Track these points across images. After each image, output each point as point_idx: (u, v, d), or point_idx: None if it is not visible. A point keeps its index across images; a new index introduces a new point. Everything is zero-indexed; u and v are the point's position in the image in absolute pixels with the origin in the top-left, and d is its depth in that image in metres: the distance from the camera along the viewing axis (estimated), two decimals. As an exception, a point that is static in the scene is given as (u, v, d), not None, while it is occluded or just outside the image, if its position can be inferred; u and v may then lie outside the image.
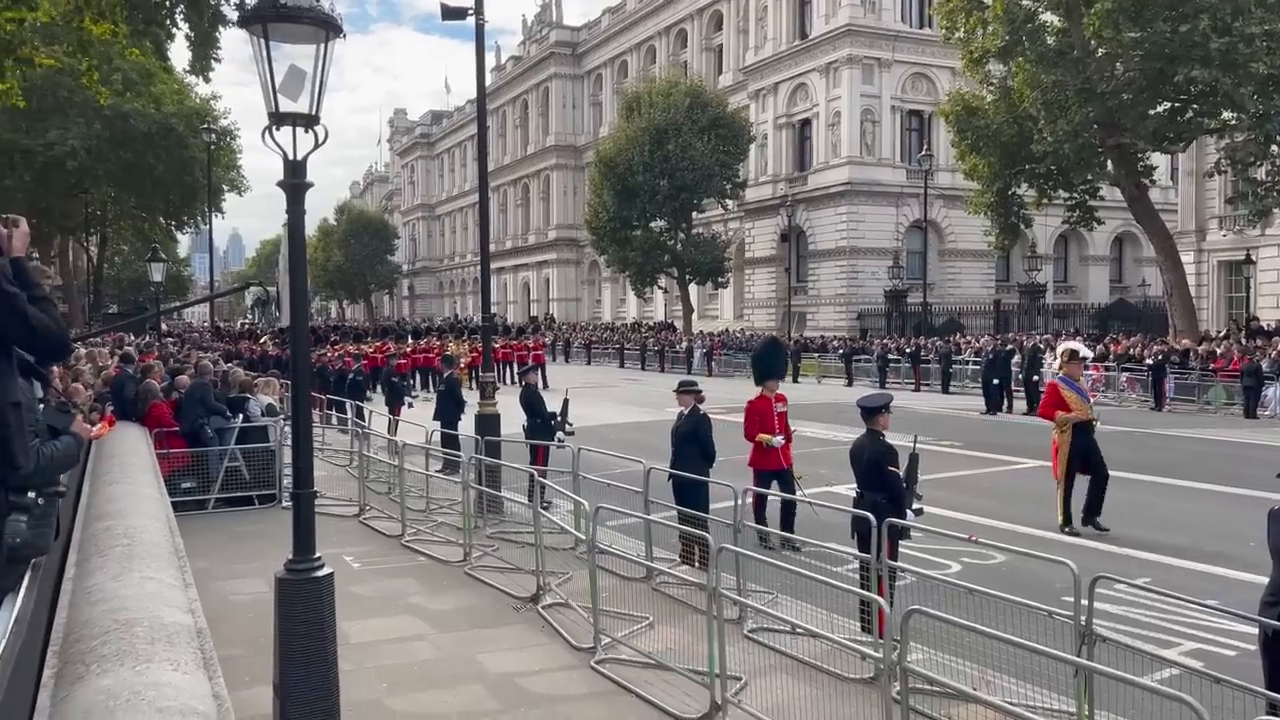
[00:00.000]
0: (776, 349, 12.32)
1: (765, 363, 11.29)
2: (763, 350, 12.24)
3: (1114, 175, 31.70)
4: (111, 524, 5.00)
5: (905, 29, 49.08)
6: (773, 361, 11.35)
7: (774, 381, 10.74)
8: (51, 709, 2.77)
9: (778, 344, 13.24)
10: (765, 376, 10.85)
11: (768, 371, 10.98)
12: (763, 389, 10.63)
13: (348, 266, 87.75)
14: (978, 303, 46.14)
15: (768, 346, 12.43)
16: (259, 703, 5.13)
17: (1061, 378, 11.53)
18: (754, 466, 10.36)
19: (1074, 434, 10.97)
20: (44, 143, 38.51)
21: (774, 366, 11.21)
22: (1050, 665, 4.88)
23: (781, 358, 12.33)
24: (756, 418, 10.41)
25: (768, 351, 11.86)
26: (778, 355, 11.97)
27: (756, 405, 10.52)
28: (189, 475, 11.99)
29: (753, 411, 10.50)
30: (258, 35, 4.32)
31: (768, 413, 10.38)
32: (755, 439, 10.30)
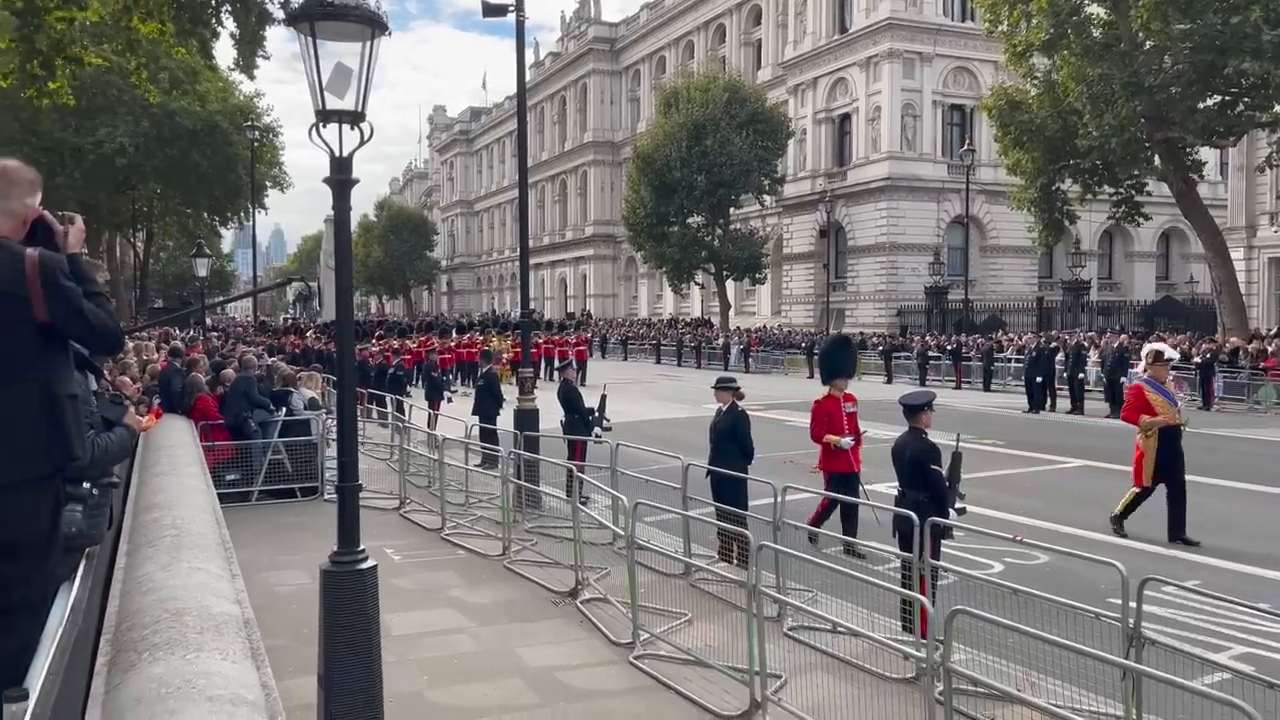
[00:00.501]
0: (845, 347, 11.85)
1: (834, 361, 10.91)
2: (831, 348, 11.82)
3: (1161, 170, 31.11)
4: (160, 515, 5.08)
5: (947, 22, 48.54)
6: (841, 360, 10.95)
7: (843, 380, 10.35)
8: (105, 695, 2.82)
9: (847, 341, 12.70)
10: (833, 375, 10.47)
11: (836, 370, 10.57)
12: (830, 388, 10.26)
13: (388, 262, 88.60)
14: (1020, 299, 45.54)
15: (836, 344, 11.96)
16: (303, 693, 5.20)
17: (1146, 380, 10.96)
18: (823, 469, 10.07)
19: (1160, 440, 10.44)
20: (93, 141, 39.28)
21: (843, 365, 10.81)
22: (1096, 668, 4.82)
23: (850, 356, 11.79)
24: (824, 418, 10.02)
25: (836, 349, 11.48)
26: (846, 353, 11.50)
27: (824, 405, 10.13)
28: (233, 467, 12.17)
29: (820, 412, 10.11)
30: (305, 33, 4.36)
31: (836, 413, 10.00)
32: (823, 440, 9.95)
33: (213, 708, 2.57)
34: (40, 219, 3.11)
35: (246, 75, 17.56)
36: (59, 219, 3.18)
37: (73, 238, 3.18)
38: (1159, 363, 11.13)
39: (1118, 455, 16.17)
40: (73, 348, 3.12)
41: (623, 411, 17.46)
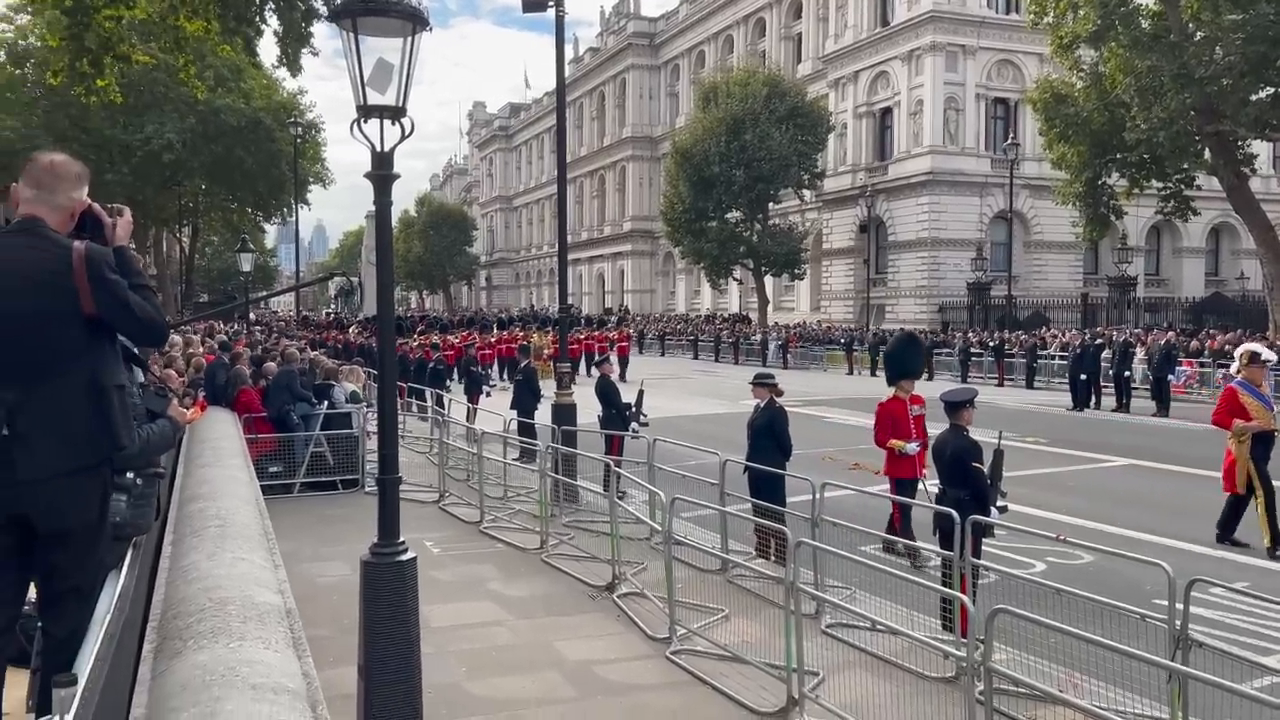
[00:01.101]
0: (914, 345, 11.17)
1: (901, 360, 10.27)
2: (897, 347, 11.12)
3: (1212, 164, 30.45)
4: (205, 505, 5.16)
5: (991, 15, 47.86)
6: (909, 359, 10.36)
7: (909, 381, 9.83)
8: (152, 681, 2.87)
9: (915, 340, 11.89)
10: (900, 375, 9.93)
11: (904, 370, 10.01)
12: (896, 389, 9.77)
13: (428, 258, 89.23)
14: (1064, 296, 44.83)
15: (903, 343, 11.18)
16: (343, 683, 5.26)
17: (1240, 382, 10.39)
18: (889, 474, 9.64)
19: (1254, 445, 9.87)
20: (141, 137, 39.98)
21: (911, 364, 10.25)
22: (1141, 670, 4.73)
23: (919, 355, 11.16)
24: (889, 421, 9.54)
25: (903, 348, 10.79)
26: (915, 352, 10.86)
27: (889, 407, 9.63)
28: (276, 460, 12.34)
29: (885, 414, 9.61)
30: (347, 29, 4.40)
31: (901, 416, 9.50)
32: (887, 445, 9.51)
33: (255, 695, 2.61)
34: (89, 211, 3.16)
35: (290, 72, 17.76)
36: (107, 211, 3.23)
37: (121, 230, 3.23)
38: (1254, 364, 10.45)
39: (1164, 454, 15.92)
40: (120, 340, 3.17)
41: (660, 407, 17.45)
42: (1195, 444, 17.17)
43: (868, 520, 9.50)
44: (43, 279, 2.87)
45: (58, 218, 3.02)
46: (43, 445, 2.83)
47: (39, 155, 3.11)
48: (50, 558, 2.94)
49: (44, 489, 2.84)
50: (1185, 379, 26.22)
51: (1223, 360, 26.38)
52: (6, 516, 2.85)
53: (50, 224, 2.98)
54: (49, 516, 2.88)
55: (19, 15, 39.79)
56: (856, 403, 24.15)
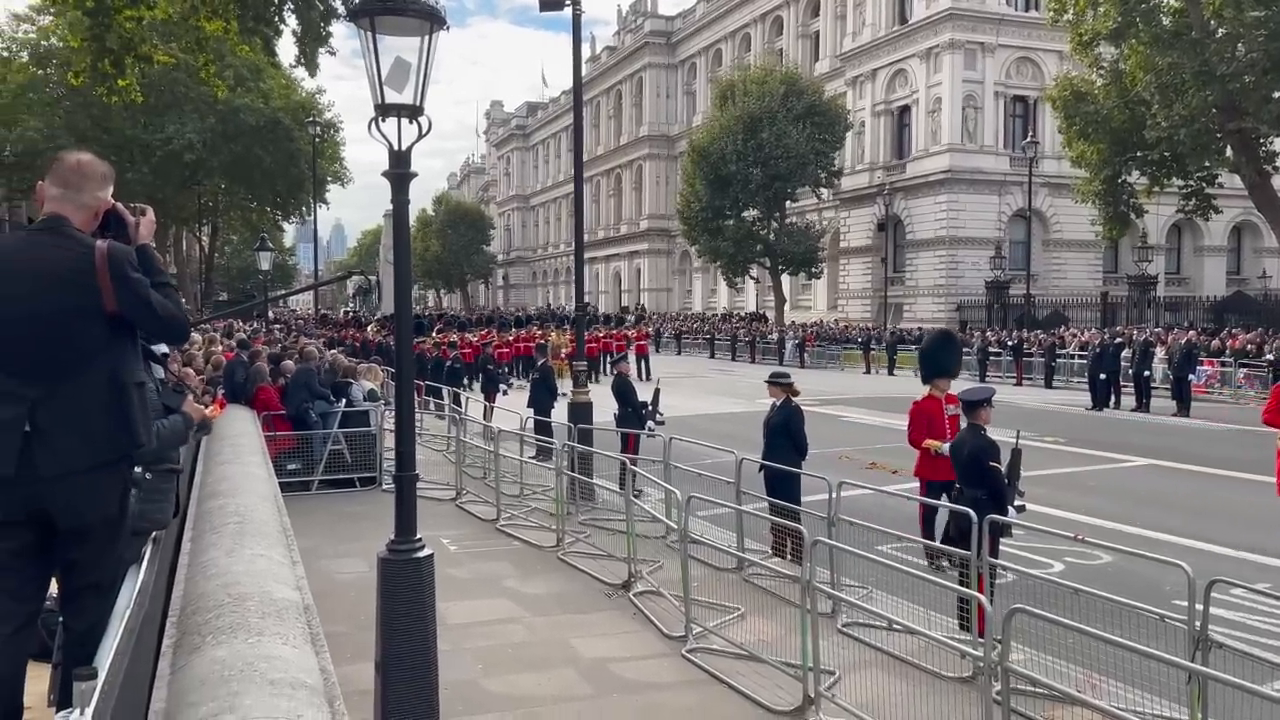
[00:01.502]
0: (949, 343, 10.70)
1: (935, 358, 9.93)
2: (932, 344, 10.72)
3: (1233, 162, 30.21)
4: (224, 502, 5.20)
5: (1010, 12, 47.59)
6: (945, 357, 9.97)
7: (945, 380, 9.49)
8: (171, 676, 2.89)
9: (951, 337, 11.37)
10: (935, 374, 9.61)
11: (938, 368, 9.68)
12: (931, 388, 9.47)
13: (445, 256, 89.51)
14: (1084, 295, 44.52)
15: (938, 340, 10.78)
16: (361, 679, 5.28)
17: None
18: (920, 476, 9.33)
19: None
20: (161, 137, 40.32)
21: (946, 363, 9.87)
22: (1160, 671, 4.70)
23: (955, 353, 10.72)
24: (924, 421, 9.25)
25: (938, 345, 10.41)
26: (950, 350, 10.40)
27: (923, 406, 9.34)
28: (294, 457, 12.41)
29: (919, 414, 9.32)
30: (365, 28, 4.42)
31: (936, 415, 9.20)
32: (921, 445, 9.21)
33: (274, 690, 2.62)
34: (112, 210, 3.19)
35: (308, 72, 17.87)
36: (130, 210, 3.26)
37: (144, 229, 3.25)
38: None
39: (1184, 454, 15.80)
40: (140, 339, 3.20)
41: (676, 406, 17.45)
42: (1216, 444, 17.05)
43: (885, 519, 9.47)
44: (66, 277, 2.90)
45: (82, 217, 3.05)
46: (63, 442, 2.86)
47: (66, 155, 3.14)
48: (70, 553, 2.97)
49: (64, 485, 2.87)
50: (1206, 379, 26.00)
51: (1244, 360, 26.17)
52: (27, 512, 2.88)
53: (75, 223, 3.01)
54: (69, 513, 2.91)
55: (41, 16, 40.20)
56: (873, 402, 24.08)
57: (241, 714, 2.44)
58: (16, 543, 2.91)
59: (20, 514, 2.88)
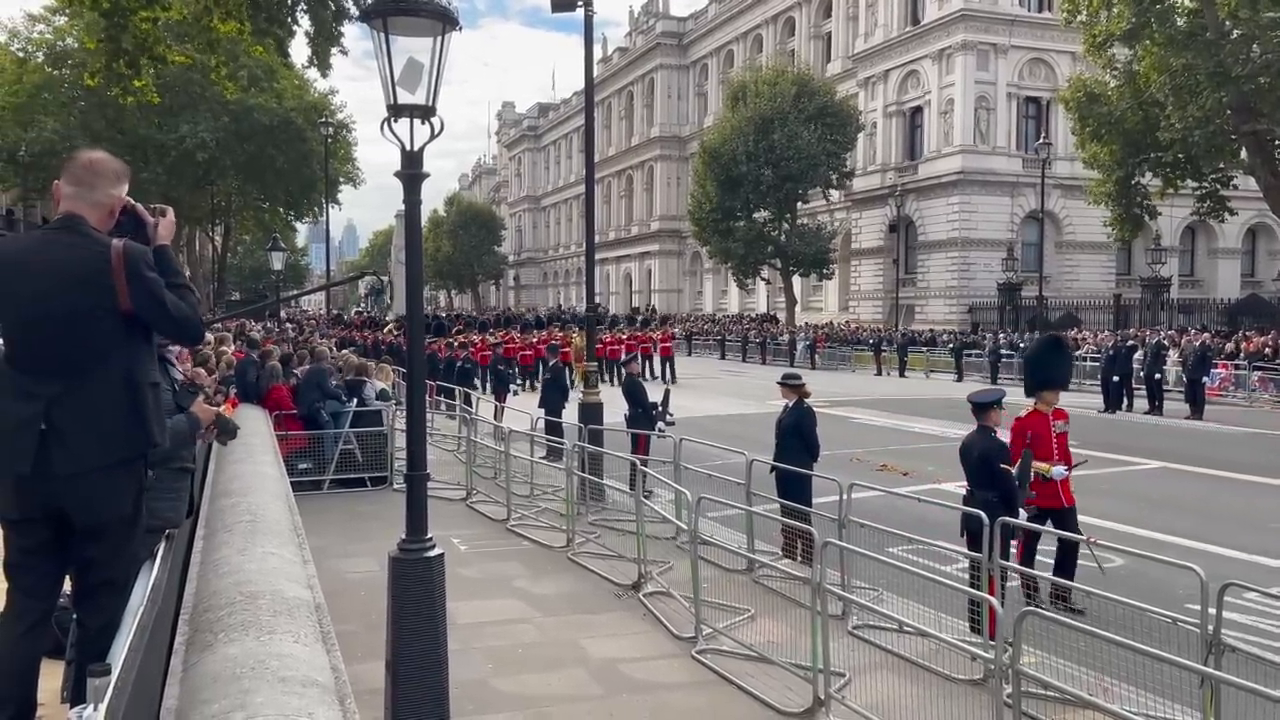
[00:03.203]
0: (1059, 350, 9.29)
1: (1045, 367, 8.71)
2: (1040, 351, 9.33)
3: (1248, 163, 30.03)
4: (236, 501, 5.22)
5: (1022, 13, 47.42)
6: (1055, 365, 8.81)
7: (1053, 393, 8.37)
8: (183, 673, 2.91)
9: (1060, 344, 9.74)
10: (1042, 385, 8.45)
11: (1047, 378, 8.52)
12: (1037, 401, 8.35)
13: (456, 257, 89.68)
14: (1097, 297, 44.31)
15: (1047, 347, 9.37)
16: (371, 678, 5.30)
17: None
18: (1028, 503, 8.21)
19: None
20: (176, 137, 40.50)
21: (1056, 372, 8.75)
22: (1172, 674, 4.68)
23: (1066, 361, 9.48)
24: (1027, 439, 8.15)
25: (1047, 352, 9.09)
26: (1061, 358, 9.15)
27: (1028, 423, 8.22)
28: (306, 456, 12.45)
29: (1023, 431, 8.18)
30: (378, 29, 4.44)
31: (1043, 433, 8.14)
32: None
33: (285, 688, 2.63)
34: (131, 210, 3.20)
35: (320, 73, 17.92)
36: (150, 211, 3.27)
37: (163, 229, 3.27)
38: None
39: (1197, 458, 15.71)
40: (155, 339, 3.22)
41: (686, 407, 17.45)
42: (1229, 447, 16.94)
43: (895, 521, 9.45)
44: (82, 276, 2.92)
45: (98, 215, 3.06)
46: (79, 440, 2.88)
47: (79, 153, 3.16)
48: (85, 551, 2.99)
49: (80, 483, 2.89)
50: (1220, 381, 25.85)
51: (1259, 363, 26.01)
52: (43, 510, 2.90)
53: (90, 221, 3.02)
54: (85, 510, 2.93)
55: (57, 16, 40.44)
56: (885, 404, 24.03)
57: (253, 711, 2.45)
58: (32, 540, 2.94)
59: (37, 512, 2.90)
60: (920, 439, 17.75)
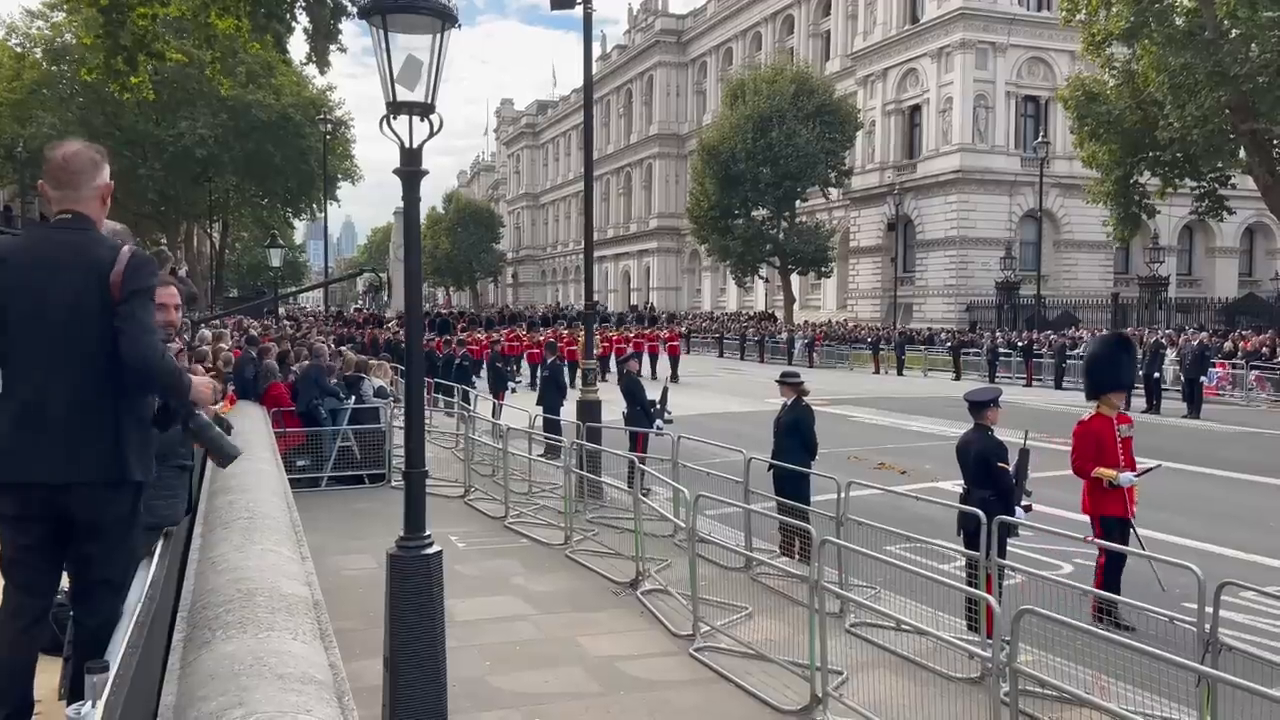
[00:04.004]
0: (1124, 350, 8.54)
1: (1108, 368, 8.12)
2: (1104, 350, 8.57)
3: (1246, 163, 30.03)
4: (234, 498, 5.22)
5: (1021, 12, 47.45)
6: (1119, 367, 8.17)
7: (1118, 395, 7.89)
8: (181, 670, 2.91)
9: (1126, 344, 8.94)
10: (1106, 387, 7.92)
11: (1112, 380, 7.98)
12: (1100, 404, 7.84)
13: (455, 254, 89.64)
14: (1095, 296, 44.37)
15: (1112, 346, 8.61)
16: (369, 675, 5.30)
17: None
18: (1091, 513, 7.76)
19: None
20: (174, 133, 40.48)
21: (1121, 374, 8.14)
22: (1169, 673, 4.69)
23: (1131, 362, 8.77)
24: (1092, 444, 7.67)
25: (1112, 352, 8.38)
26: (1126, 359, 8.45)
27: (1092, 427, 7.75)
28: (304, 454, 12.44)
29: (1087, 436, 7.72)
30: (377, 26, 4.43)
31: (1108, 438, 7.64)
32: (1092, 474, 7.66)
33: (283, 685, 2.63)
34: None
35: (319, 69, 17.92)
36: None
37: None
38: None
39: (1195, 457, 15.72)
40: None
41: (685, 405, 17.45)
42: (1227, 446, 16.96)
43: (893, 520, 9.45)
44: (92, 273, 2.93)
45: (93, 206, 3.08)
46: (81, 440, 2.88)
47: (50, 154, 3.11)
48: (84, 549, 2.99)
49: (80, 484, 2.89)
50: (1218, 381, 25.88)
51: (1256, 362, 26.03)
52: (41, 508, 2.90)
53: (90, 213, 3.05)
54: (84, 508, 2.93)
55: (55, 12, 40.40)
56: (883, 402, 24.04)
57: (251, 708, 2.45)
58: (31, 538, 2.94)
59: (35, 509, 2.90)
60: (918, 437, 17.76)
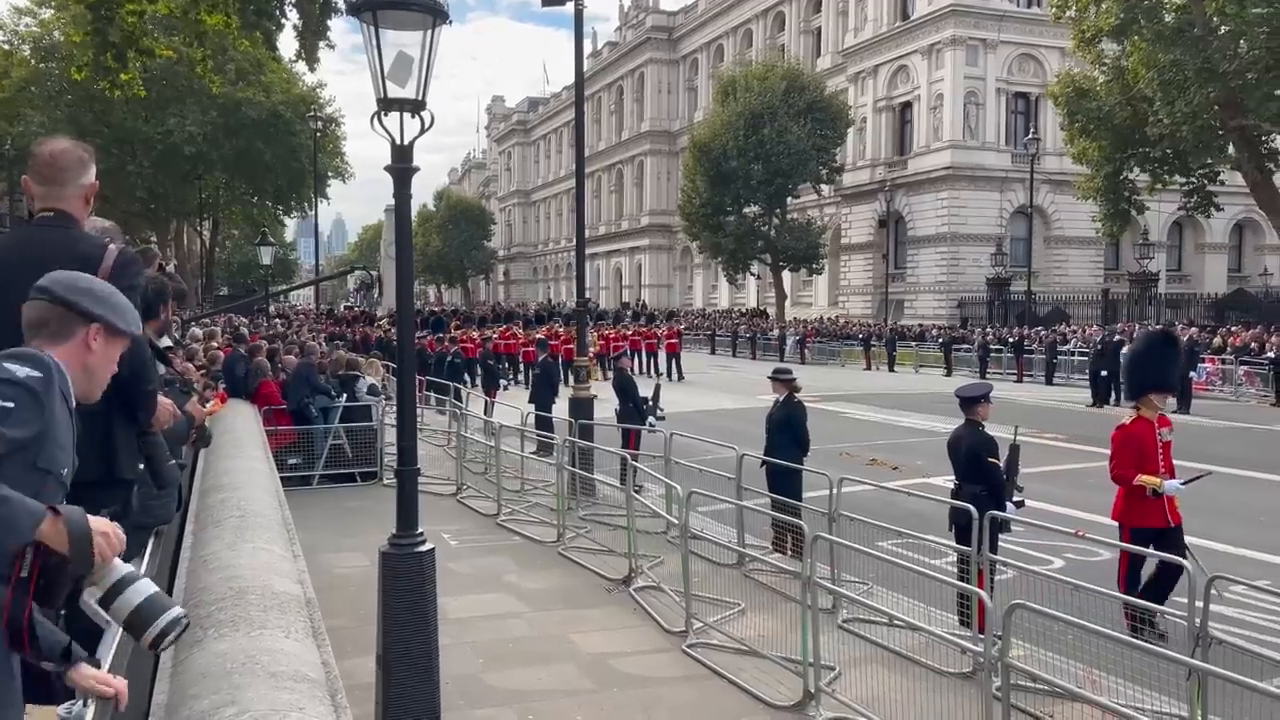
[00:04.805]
0: (1169, 348, 7.98)
1: (1150, 367, 7.52)
2: (1147, 347, 7.96)
3: (1235, 159, 30.19)
4: (226, 496, 5.21)
5: (1012, 8, 47.54)
6: (1163, 366, 7.58)
7: (1161, 397, 7.34)
8: (173, 669, 2.90)
9: (1171, 341, 8.34)
10: (1149, 387, 7.33)
11: (1156, 379, 7.38)
12: (1141, 406, 7.30)
13: (446, 252, 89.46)
14: (1085, 292, 44.54)
15: (1156, 343, 7.97)
16: (362, 672, 5.30)
17: None
18: (1124, 522, 7.21)
19: None
20: (163, 130, 40.29)
21: (1165, 375, 7.54)
22: (1160, 667, 4.72)
23: (1175, 361, 8.24)
24: (1134, 449, 7.13)
25: (1156, 349, 7.79)
26: (1170, 357, 7.90)
27: (1133, 430, 7.20)
28: (295, 452, 12.43)
29: (1128, 440, 7.18)
30: (368, 23, 4.42)
31: (1149, 442, 7.14)
32: (1132, 481, 7.08)
33: (275, 684, 2.63)
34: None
35: (309, 66, 17.87)
36: None
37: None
38: None
39: (1184, 452, 15.72)
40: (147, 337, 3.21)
41: (677, 402, 17.46)
42: (1216, 441, 17.02)
43: (885, 516, 9.47)
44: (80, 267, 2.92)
45: (76, 205, 3.07)
46: None
47: (37, 150, 3.11)
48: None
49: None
50: (1207, 376, 26.00)
51: (1245, 357, 26.15)
52: None
53: (73, 211, 3.04)
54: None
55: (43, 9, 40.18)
56: (874, 398, 24.09)
57: (243, 706, 2.44)
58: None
59: None
60: (909, 433, 17.80)
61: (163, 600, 1.90)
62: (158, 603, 1.88)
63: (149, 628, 1.87)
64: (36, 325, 2.10)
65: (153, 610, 1.87)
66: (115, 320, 2.16)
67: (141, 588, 1.87)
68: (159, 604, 1.88)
